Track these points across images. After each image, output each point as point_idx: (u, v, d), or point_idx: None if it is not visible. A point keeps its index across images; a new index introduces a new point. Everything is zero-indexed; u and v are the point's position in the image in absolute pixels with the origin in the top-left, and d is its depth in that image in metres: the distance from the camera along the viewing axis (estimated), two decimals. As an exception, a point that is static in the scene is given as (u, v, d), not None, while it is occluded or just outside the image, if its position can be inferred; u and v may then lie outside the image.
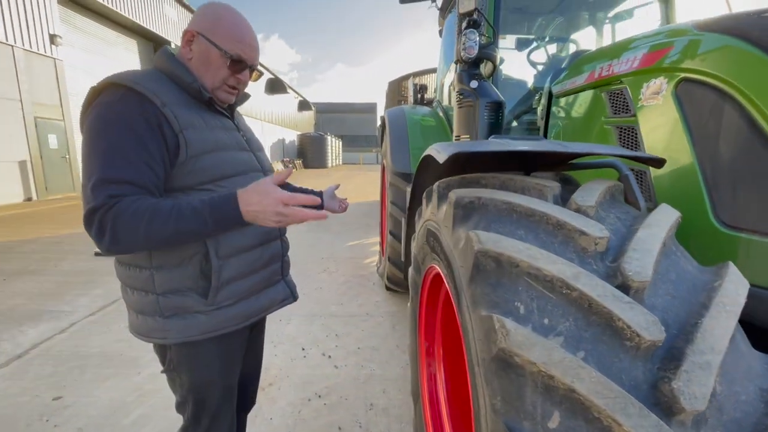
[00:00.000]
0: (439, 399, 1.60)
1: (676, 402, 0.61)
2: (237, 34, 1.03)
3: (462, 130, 2.25)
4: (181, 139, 0.95)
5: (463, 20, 2.04)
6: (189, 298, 1.02)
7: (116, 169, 0.87)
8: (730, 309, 0.70)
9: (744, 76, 1.10)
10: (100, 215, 0.84)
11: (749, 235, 1.08)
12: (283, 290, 1.24)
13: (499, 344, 0.69)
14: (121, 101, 0.91)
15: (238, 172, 1.08)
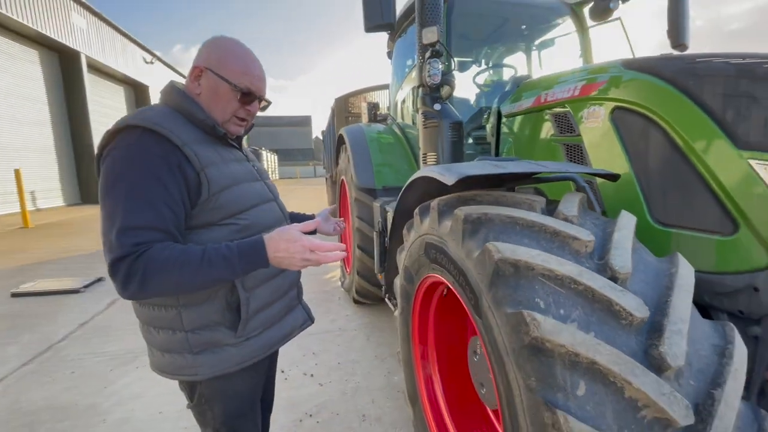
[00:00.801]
0: (438, 398, 1.74)
1: (663, 362, 0.81)
2: (244, 67, 1.06)
3: (428, 149, 2.45)
4: (203, 178, 0.96)
5: (426, 50, 2.25)
6: (218, 333, 1.03)
7: (139, 214, 0.87)
8: (686, 289, 0.94)
9: (662, 106, 1.42)
10: (128, 264, 0.84)
11: (678, 230, 1.39)
12: (301, 315, 1.28)
13: (532, 334, 0.85)
14: (139, 143, 0.91)
15: (255, 203, 1.10)
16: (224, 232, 1.01)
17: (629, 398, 0.80)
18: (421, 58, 2.35)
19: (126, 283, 0.85)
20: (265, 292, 1.12)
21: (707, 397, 0.82)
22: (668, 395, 0.78)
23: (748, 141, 1.22)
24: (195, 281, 0.89)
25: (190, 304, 1.01)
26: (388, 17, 2.13)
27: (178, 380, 1.08)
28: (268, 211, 1.14)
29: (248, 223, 1.05)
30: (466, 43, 3.55)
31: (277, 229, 0.96)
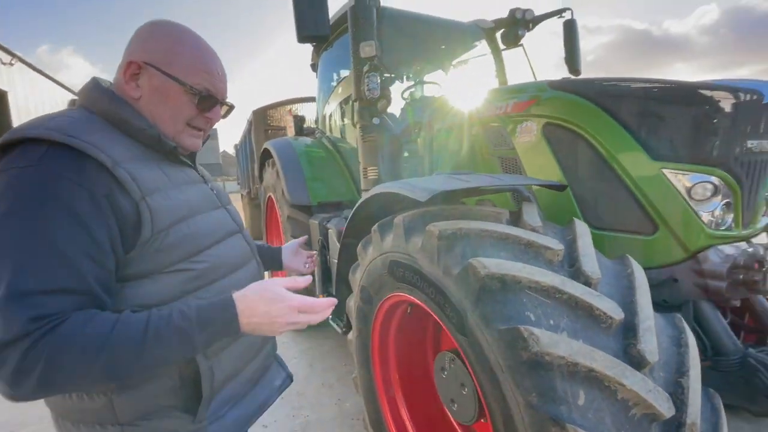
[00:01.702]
0: (404, 420, 1.67)
1: (642, 359, 0.87)
2: (202, 62, 0.81)
3: (369, 162, 2.42)
4: (144, 210, 0.69)
5: (364, 64, 2.22)
6: (169, 421, 0.77)
7: (43, 272, 0.59)
8: (644, 287, 1.04)
9: (588, 122, 1.59)
10: (21, 351, 0.56)
11: (609, 232, 1.55)
12: (278, 373, 1.02)
13: (531, 349, 0.84)
14: (44, 164, 0.62)
15: (216, 239, 0.84)
16: (174, 281, 0.74)
17: (622, 399, 0.83)
18: (357, 72, 2.33)
19: (16, 379, 0.56)
20: (234, 354, 0.85)
21: (677, 386, 0.90)
22: (653, 391, 0.83)
23: (660, 153, 1.42)
24: (131, 369, 0.63)
25: (125, 387, 0.72)
26: (322, 29, 2.06)
27: None
28: (232, 248, 0.89)
29: (206, 267, 0.79)
30: (390, 58, 3.64)
31: (253, 285, 0.72)
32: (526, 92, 1.88)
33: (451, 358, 1.39)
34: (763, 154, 1.43)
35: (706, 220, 1.38)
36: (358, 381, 1.86)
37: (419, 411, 1.69)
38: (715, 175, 1.37)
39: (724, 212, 1.40)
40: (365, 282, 1.63)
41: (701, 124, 1.37)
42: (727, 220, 1.41)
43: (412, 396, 1.71)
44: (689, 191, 1.38)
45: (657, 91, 1.45)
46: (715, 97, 1.35)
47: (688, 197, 1.38)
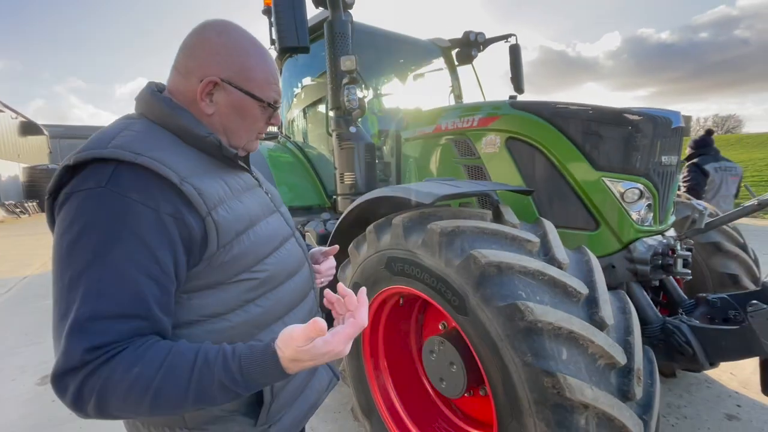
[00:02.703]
0: (395, 405, 1.83)
1: (604, 323, 1.15)
2: (272, 74, 0.81)
3: (345, 169, 2.56)
4: (210, 225, 0.69)
5: (344, 76, 2.37)
6: (233, 425, 0.79)
7: (107, 300, 0.59)
8: (599, 270, 1.32)
9: (543, 137, 1.90)
10: (79, 381, 0.57)
11: (561, 229, 1.86)
12: (326, 373, 1.00)
13: (528, 318, 1.06)
14: (111, 187, 0.62)
15: (275, 246, 0.84)
16: (237, 291, 0.75)
17: (591, 353, 1.09)
18: (334, 84, 2.46)
19: (78, 404, 0.58)
20: None
21: (626, 342, 1.19)
22: (613, 346, 1.10)
23: (600, 164, 1.77)
24: (172, 411, 0.62)
25: None
26: (303, 41, 2.17)
27: None
28: (288, 254, 0.88)
29: (267, 276, 0.79)
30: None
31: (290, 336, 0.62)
32: (489, 109, 2.17)
33: (441, 341, 1.59)
34: (671, 166, 1.84)
35: (634, 218, 1.74)
36: (346, 373, 1.99)
37: (407, 394, 1.86)
38: (640, 182, 1.74)
39: (646, 212, 1.77)
40: (358, 278, 1.78)
41: (629, 142, 1.74)
42: (649, 218, 1.79)
43: (400, 381, 1.88)
44: (622, 195, 1.73)
45: (596, 114, 1.80)
46: (638, 122, 1.73)
47: (621, 200, 1.73)
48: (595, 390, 1.02)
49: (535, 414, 1.07)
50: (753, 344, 1.33)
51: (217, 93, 0.77)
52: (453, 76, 3.79)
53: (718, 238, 2.30)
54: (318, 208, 3.37)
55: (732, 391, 2.45)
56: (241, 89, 0.77)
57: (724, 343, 1.46)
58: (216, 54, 0.75)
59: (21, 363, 3.24)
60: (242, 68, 0.77)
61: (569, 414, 1.02)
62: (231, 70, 0.76)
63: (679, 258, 1.76)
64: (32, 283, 5.94)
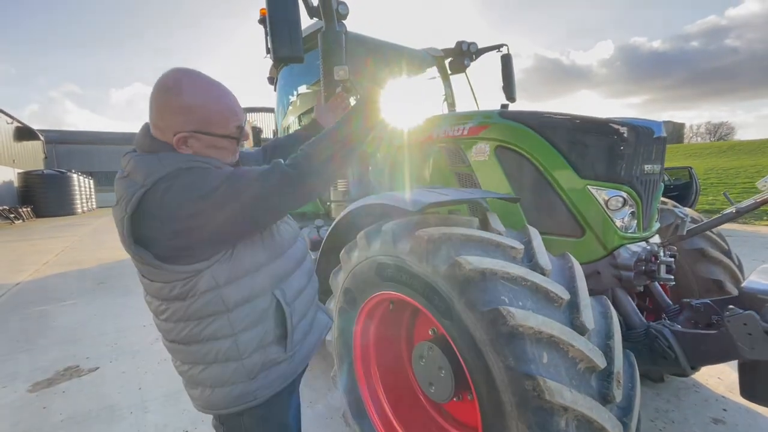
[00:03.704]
0: (385, 409, 1.85)
1: (584, 328, 1.18)
2: (228, 110, 1.01)
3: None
4: None
5: (338, 85, 2.42)
6: (271, 352, 1.07)
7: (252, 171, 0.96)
8: (581, 276, 1.36)
9: (531, 146, 1.95)
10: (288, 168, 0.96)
11: (548, 236, 1.91)
12: (322, 317, 1.31)
13: (509, 323, 1.10)
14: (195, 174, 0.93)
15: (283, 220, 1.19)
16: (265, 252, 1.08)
17: (572, 357, 1.13)
18: (327, 92, 2.51)
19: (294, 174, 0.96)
20: (302, 302, 1.16)
21: (606, 346, 1.22)
22: (592, 350, 1.14)
23: (585, 172, 1.82)
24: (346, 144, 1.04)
25: (245, 329, 1.02)
26: (297, 50, 2.21)
27: (229, 412, 1.06)
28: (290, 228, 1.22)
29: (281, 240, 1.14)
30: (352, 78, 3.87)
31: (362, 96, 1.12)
32: (479, 119, 2.22)
33: (430, 346, 1.62)
34: (654, 175, 1.89)
35: (619, 225, 1.79)
36: (337, 378, 2.01)
37: (398, 399, 1.88)
38: (623, 190, 1.79)
39: (630, 219, 1.82)
40: (349, 284, 1.81)
41: (613, 151, 1.79)
42: (633, 225, 1.84)
43: (391, 386, 1.91)
44: (607, 203, 1.78)
45: (581, 124, 1.86)
46: (622, 132, 1.78)
47: (606, 208, 1.78)
48: (575, 393, 1.05)
49: (517, 417, 1.10)
50: (730, 348, 1.38)
51: (189, 140, 0.99)
52: (446, 84, 3.85)
53: (702, 245, 2.35)
54: (312, 215, 3.40)
55: (719, 395, 2.49)
56: (207, 133, 0.99)
57: (703, 347, 1.50)
58: (178, 114, 0.96)
59: (12, 370, 3.22)
60: (202, 119, 0.98)
61: (549, 416, 1.05)
62: (193, 123, 0.97)
63: (662, 264, 1.81)
64: (25, 289, 5.91)
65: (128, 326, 4.10)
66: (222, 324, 1.00)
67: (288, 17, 2.10)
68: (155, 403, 2.65)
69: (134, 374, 3.03)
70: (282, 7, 2.09)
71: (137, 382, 2.91)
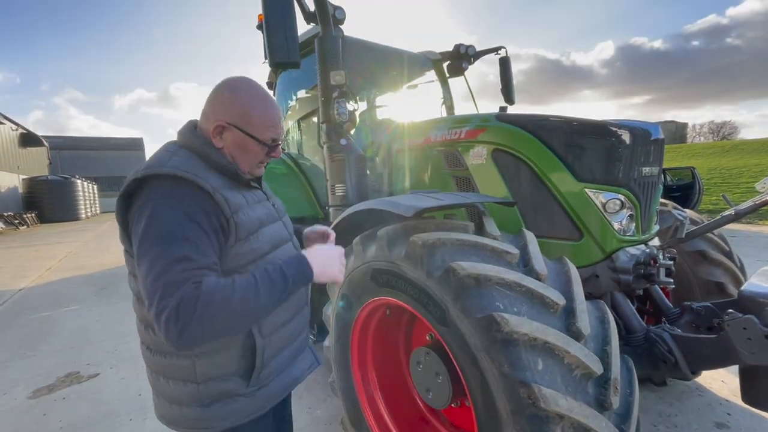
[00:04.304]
0: (383, 415, 1.84)
1: (580, 333, 1.17)
2: (270, 120, 1.04)
3: (336, 180, 2.60)
4: (232, 224, 0.95)
5: (334, 90, 2.42)
6: (231, 383, 1.00)
7: (188, 255, 0.84)
8: (578, 280, 1.35)
9: (527, 149, 1.94)
10: (182, 294, 0.79)
11: (546, 239, 1.90)
12: (309, 357, 1.23)
13: (503, 329, 1.09)
14: (175, 191, 0.89)
15: (275, 245, 1.08)
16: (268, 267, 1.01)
17: (568, 363, 1.11)
18: (325, 97, 2.51)
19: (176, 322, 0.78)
20: (281, 336, 1.09)
21: (603, 352, 1.21)
22: (588, 356, 1.12)
23: (583, 175, 1.81)
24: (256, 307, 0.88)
25: (205, 353, 0.97)
26: (294, 56, 2.21)
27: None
28: (287, 252, 1.12)
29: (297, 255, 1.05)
30: (349, 83, 3.87)
31: (314, 248, 1.06)
32: (476, 122, 2.21)
33: (426, 352, 1.61)
34: (653, 177, 1.88)
35: (617, 228, 1.77)
36: (335, 384, 1.99)
37: (395, 405, 1.87)
38: (621, 193, 1.78)
39: (628, 222, 1.81)
40: (346, 290, 1.80)
41: (610, 154, 1.78)
42: (631, 228, 1.82)
43: (389, 392, 1.89)
44: (604, 206, 1.77)
45: (578, 126, 1.85)
46: (619, 134, 1.77)
47: (603, 211, 1.77)
48: (570, 400, 1.04)
49: (513, 424, 1.09)
50: (730, 352, 1.36)
51: (225, 132, 1.02)
52: (444, 88, 3.85)
53: (703, 247, 2.33)
54: (311, 219, 3.40)
55: (723, 399, 2.46)
56: (242, 131, 1.02)
57: (703, 351, 1.48)
58: (225, 105, 1.02)
59: (14, 376, 3.23)
60: (244, 116, 1.01)
61: (545, 424, 1.04)
62: (235, 116, 1.01)
63: (661, 267, 1.79)
64: (28, 295, 5.94)
65: (128, 332, 4.10)
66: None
67: (284, 22, 2.11)
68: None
69: (134, 380, 3.03)
70: (278, 12, 2.09)
71: (137, 388, 2.90)
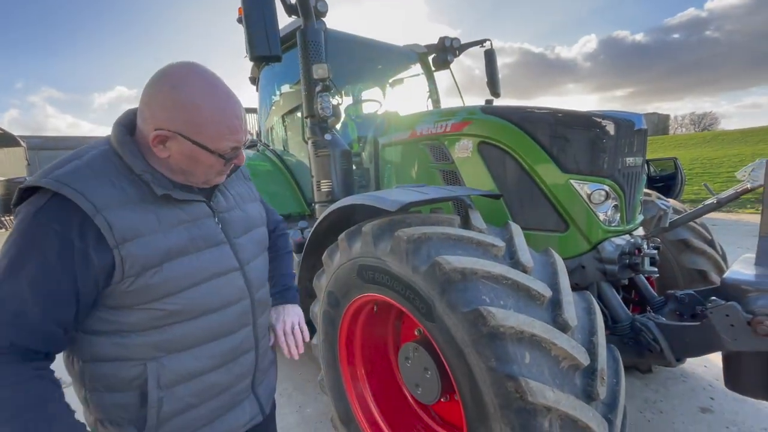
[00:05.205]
0: (373, 412, 1.82)
1: (567, 325, 1.16)
2: (227, 126, 0.82)
3: (321, 176, 2.55)
4: (117, 257, 0.75)
5: (317, 84, 2.37)
6: (125, 430, 0.84)
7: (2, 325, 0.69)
8: (564, 272, 1.34)
9: (513, 141, 1.93)
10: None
11: (532, 231, 1.89)
12: (250, 409, 1.01)
13: (490, 323, 1.07)
14: (42, 214, 0.72)
15: (195, 282, 0.85)
16: (145, 317, 0.81)
17: (555, 355, 1.11)
18: (308, 91, 2.46)
19: None
20: (192, 390, 0.88)
21: (590, 343, 1.21)
22: (575, 347, 1.12)
23: (568, 167, 1.80)
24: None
25: (96, 389, 0.83)
26: (275, 50, 2.16)
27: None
28: (214, 289, 0.89)
29: (177, 309, 0.83)
30: (333, 77, 3.81)
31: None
32: (462, 115, 2.20)
33: (415, 347, 1.59)
34: (636, 167, 1.89)
35: (602, 219, 1.78)
36: (324, 382, 1.97)
37: (385, 402, 1.86)
38: (606, 184, 1.78)
39: (613, 212, 1.81)
40: (332, 287, 1.77)
41: (595, 144, 1.78)
42: (616, 218, 1.83)
43: (378, 389, 1.88)
44: (589, 197, 1.77)
45: (563, 118, 1.84)
46: (603, 125, 1.77)
47: (589, 202, 1.77)
48: (557, 392, 1.03)
49: (501, 418, 1.08)
50: (713, 339, 1.37)
51: (169, 141, 0.80)
52: (430, 81, 3.82)
53: (686, 235, 2.36)
54: (297, 216, 3.35)
55: (706, 383, 2.51)
56: (192, 141, 0.80)
57: (688, 339, 1.50)
58: (166, 108, 0.79)
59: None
60: (192, 123, 0.79)
61: (532, 417, 1.03)
62: (179, 122, 0.79)
63: (645, 257, 1.80)
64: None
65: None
66: (75, 368, 0.83)
67: (264, 15, 2.05)
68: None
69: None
70: (258, 5, 2.04)
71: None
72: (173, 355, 0.84)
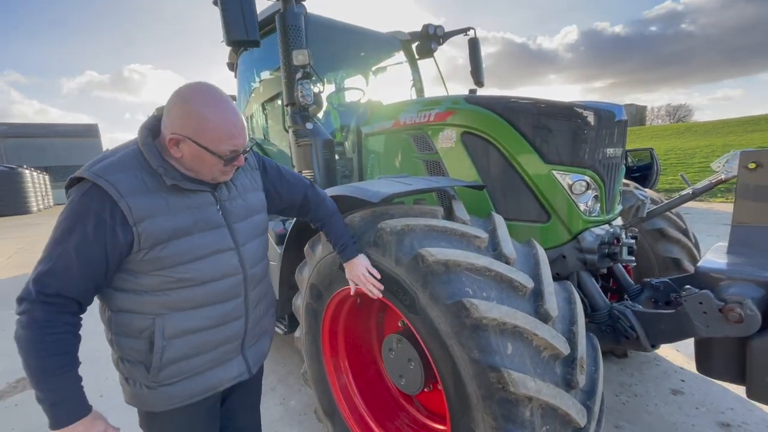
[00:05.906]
0: (357, 403, 1.82)
1: (548, 315, 1.17)
2: (226, 133, 1.00)
3: (303, 166, 2.49)
4: (135, 233, 0.96)
5: (297, 71, 2.30)
6: (137, 369, 1.06)
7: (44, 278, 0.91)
8: (546, 262, 1.35)
9: (496, 131, 1.92)
10: (24, 308, 0.91)
11: (515, 222, 1.90)
12: (237, 367, 1.20)
13: (473, 315, 1.07)
14: (83, 199, 0.94)
15: (200, 256, 1.06)
16: (155, 281, 1.02)
17: (536, 346, 1.12)
18: (288, 78, 2.39)
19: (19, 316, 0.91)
20: (188, 344, 1.08)
21: (570, 333, 1.22)
22: (556, 337, 1.13)
23: (550, 157, 1.81)
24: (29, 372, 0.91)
25: (120, 334, 1.05)
26: (252, 34, 2.07)
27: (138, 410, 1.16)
28: (216, 264, 1.09)
29: (183, 277, 1.03)
30: (314, 64, 3.71)
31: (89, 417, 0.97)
32: (446, 104, 2.17)
33: (398, 339, 1.59)
34: (616, 158, 1.91)
35: (582, 209, 1.80)
36: (308, 375, 1.96)
37: (369, 393, 1.86)
38: (586, 174, 1.79)
39: (593, 203, 1.83)
40: (315, 279, 1.74)
41: (576, 135, 1.78)
42: (596, 209, 1.85)
43: (362, 380, 1.87)
44: (571, 187, 1.78)
45: (545, 108, 1.84)
46: (585, 115, 1.78)
47: (570, 192, 1.78)
48: (538, 382, 1.04)
49: (483, 409, 1.09)
50: (687, 327, 1.41)
51: (181, 143, 1.01)
52: (413, 69, 3.77)
53: (662, 225, 2.42)
54: (279, 207, 3.28)
55: (678, 367, 2.62)
56: (197, 143, 1.00)
57: (662, 326, 1.54)
58: (179, 117, 1.00)
59: (-42, 384, 2.99)
60: (197, 129, 0.99)
61: (514, 407, 1.04)
62: (188, 129, 0.99)
63: (624, 246, 1.83)
64: (-25, 295, 5.49)
65: (88, 331, 3.87)
66: (105, 317, 1.06)
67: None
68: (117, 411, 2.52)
69: (95, 382, 2.87)
70: (235, -14, 1.94)
71: (98, 390, 2.75)
72: (176, 314, 1.04)
